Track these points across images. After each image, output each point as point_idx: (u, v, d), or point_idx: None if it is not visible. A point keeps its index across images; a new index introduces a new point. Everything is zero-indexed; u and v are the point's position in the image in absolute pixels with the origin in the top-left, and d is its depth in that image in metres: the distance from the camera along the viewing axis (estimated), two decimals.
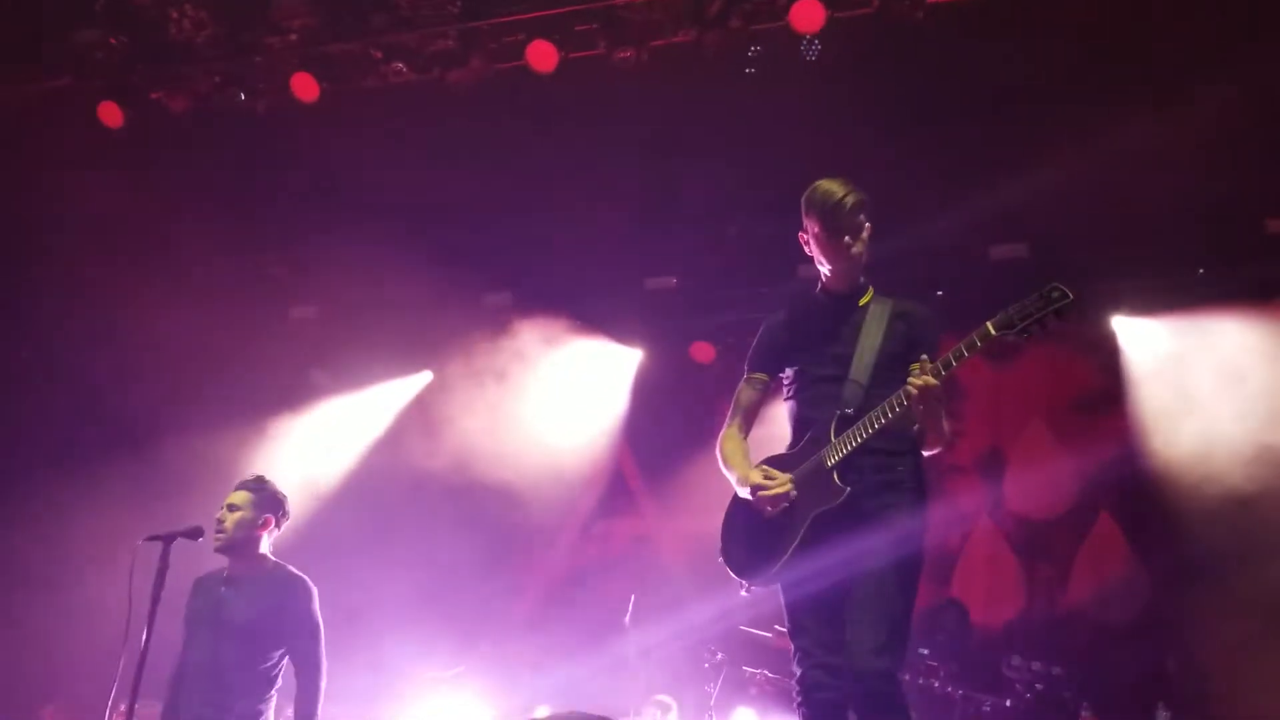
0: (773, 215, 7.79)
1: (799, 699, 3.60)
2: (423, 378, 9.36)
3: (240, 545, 4.51)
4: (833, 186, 3.80)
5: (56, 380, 8.64)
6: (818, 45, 6.60)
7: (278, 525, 4.63)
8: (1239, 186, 7.14)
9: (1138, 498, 7.75)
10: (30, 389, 8.39)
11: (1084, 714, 6.34)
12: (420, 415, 9.15)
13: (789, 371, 3.97)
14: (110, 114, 7.24)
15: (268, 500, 4.60)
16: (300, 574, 4.56)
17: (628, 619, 6.77)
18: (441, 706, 6.59)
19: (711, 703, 6.27)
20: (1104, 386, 8.24)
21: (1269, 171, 7.00)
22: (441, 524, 8.14)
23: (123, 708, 4.20)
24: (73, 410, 8.31)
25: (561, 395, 8.80)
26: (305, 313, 9.15)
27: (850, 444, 3.59)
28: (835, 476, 3.61)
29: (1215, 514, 7.09)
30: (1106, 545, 8.00)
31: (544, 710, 6.93)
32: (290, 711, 4.38)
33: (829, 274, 3.91)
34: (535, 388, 8.67)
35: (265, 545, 4.59)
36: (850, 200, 3.77)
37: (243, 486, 4.61)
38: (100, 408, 8.36)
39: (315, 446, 8.59)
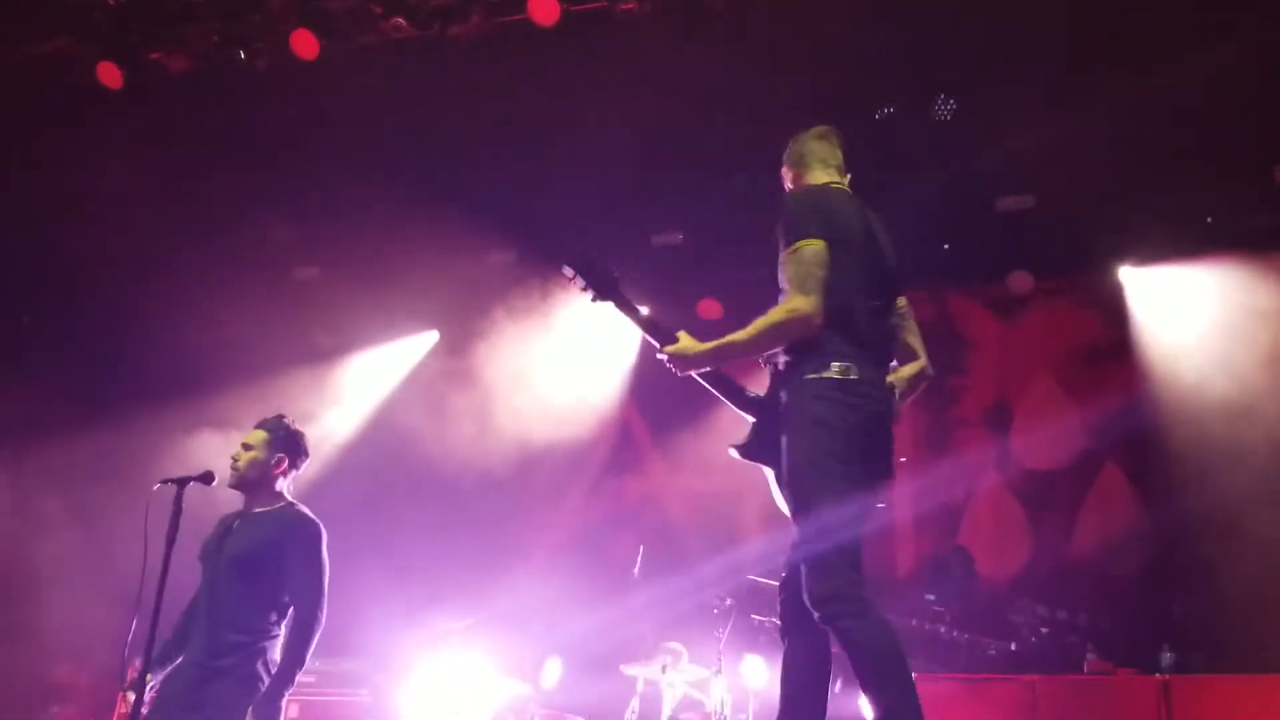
0: (779, 167, 7.79)
1: None
2: (429, 337, 9.36)
3: (253, 483, 4.46)
4: None
5: (66, 349, 8.66)
6: None
7: (294, 466, 4.56)
8: (1247, 135, 7.09)
9: (1144, 448, 7.76)
10: (41, 357, 8.41)
11: (1089, 657, 6.39)
12: (427, 375, 9.17)
13: None
14: (109, 74, 7.19)
15: (283, 440, 4.53)
16: (310, 515, 4.48)
17: (637, 570, 6.82)
18: (453, 658, 6.64)
19: (720, 647, 6.32)
20: (1111, 337, 8.24)
21: (1277, 120, 6.95)
22: (451, 481, 8.18)
23: (137, 662, 4.20)
24: (83, 375, 8.33)
25: (568, 354, 8.80)
26: (308, 274, 9.14)
27: None
28: None
29: (1221, 463, 7.10)
30: (1112, 495, 8.03)
31: (555, 661, 7.00)
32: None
33: None
34: (542, 346, 8.67)
35: (282, 485, 4.53)
36: None
37: (261, 426, 4.56)
38: (106, 373, 8.38)
39: (323, 406, 8.60)
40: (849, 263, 3.56)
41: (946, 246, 8.33)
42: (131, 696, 3.99)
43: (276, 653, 4.32)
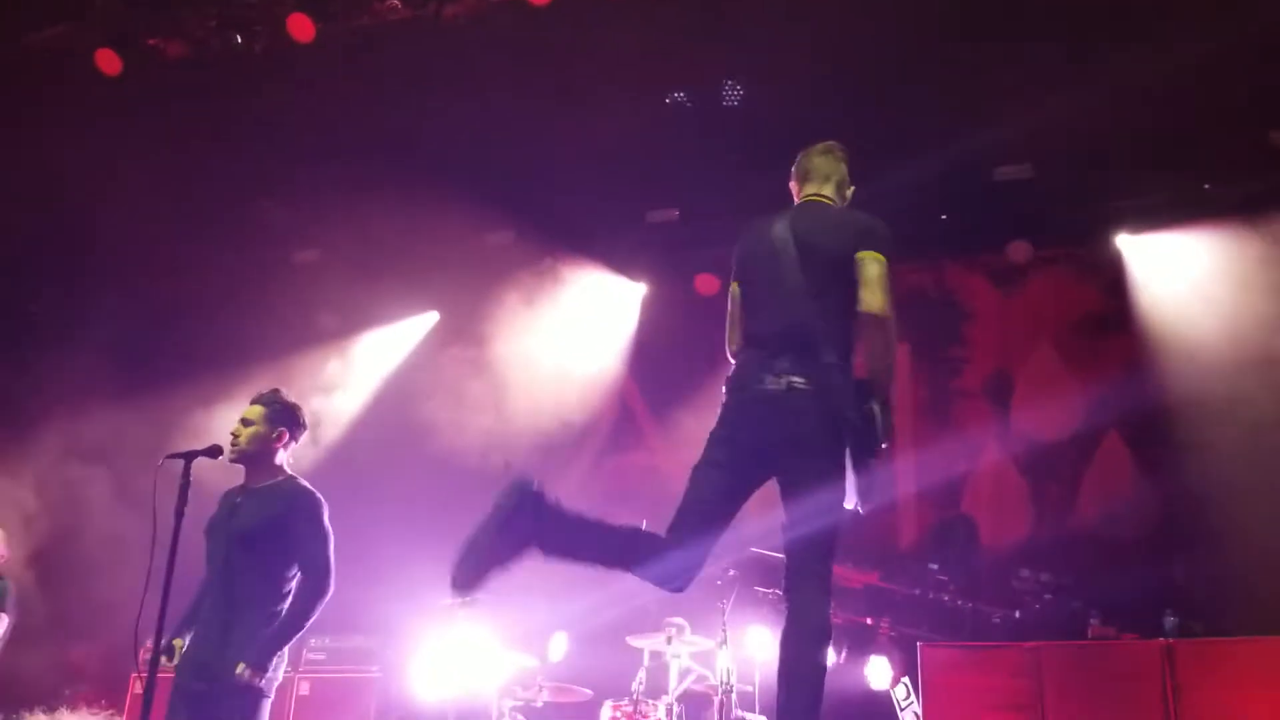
0: (776, 141, 7.79)
1: None
2: (429, 318, 9.40)
3: (254, 458, 4.52)
4: None
5: (67, 335, 8.69)
6: None
7: (293, 438, 4.62)
8: (1242, 99, 7.08)
9: (1145, 415, 7.78)
10: (48, 343, 8.45)
11: (1093, 623, 6.44)
12: (427, 355, 9.21)
13: None
14: (108, 61, 7.21)
15: (282, 414, 4.58)
16: (310, 487, 4.55)
17: None
18: (461, 633, 6.70)
19: (725, 618, 6.38)
20: (1111, 306, 8.25)
21: (1272, 83, 6.94)
22: (453, 460, 8.22)
23: (148, 642, 4.25)
24: (87, 359, 8.36)
25: (567, 331, 8.84)
26: (308, 257, 9.17)
27: None
28: None
29: (1223, 428, 7.12)
30: (1114, 463, 8.05)
31: (561, 636, 7.06)
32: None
33: None
34: (541, 325, 8.71)
35: (282, 458, 4.59)
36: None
37: (258, 400, 4.61)
38: (113, 358, 8.41)
39: (326, 387, 8.65)
40: None
41: (944, 217, 8.34)
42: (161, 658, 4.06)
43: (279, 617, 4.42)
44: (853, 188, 4.43)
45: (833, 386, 3.73)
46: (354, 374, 9.05)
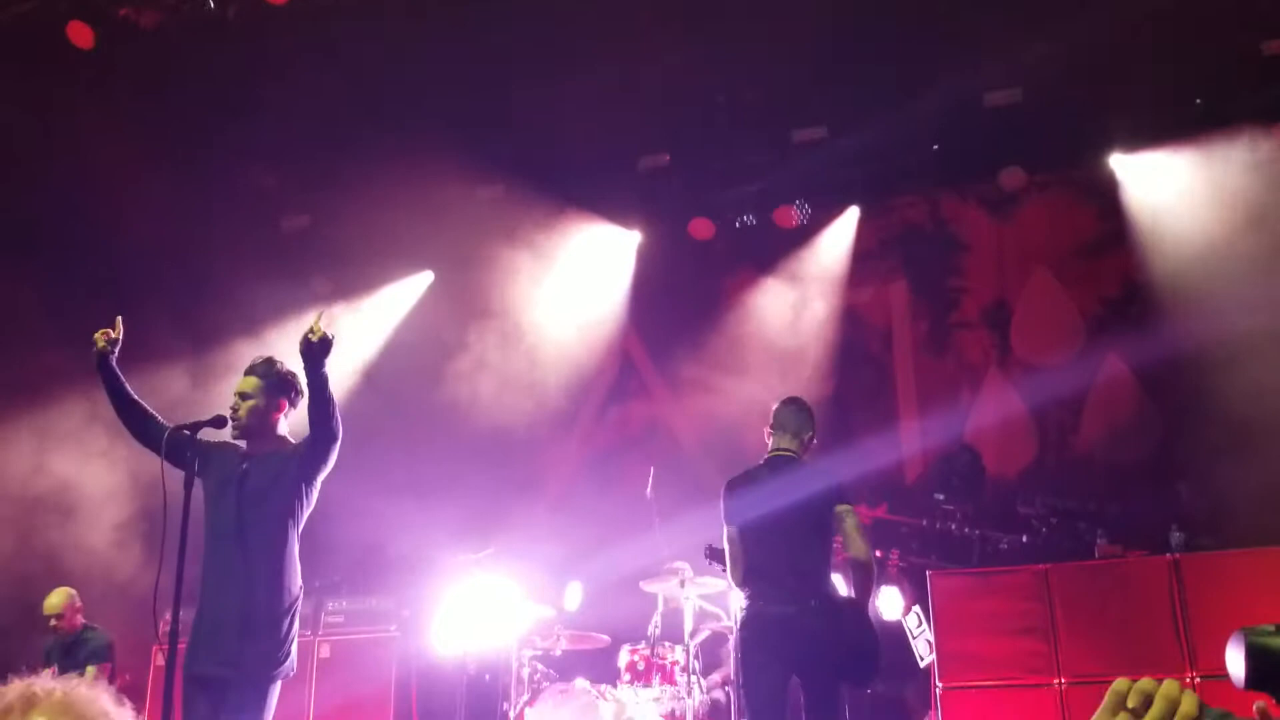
0: (762, 78, 7.73)
1: None
2: (424, 278, 9.37)
3: (257, 430, 4.53)
4: None
5: (60, 310, 8.65)
6: None
7: (293, 406, 4.62)
8: (1232, 11, 7.00)
9: (1145, 336, 7.79)
10: (37, 318, 8.41)
11: (1100, 543, 6.50)
12: (424, 315, 9.20)
13: None
14: (80, 34, 7.12)
15: (278, 383, 4.57)
16: None
17: (649, 491, 6.90)
18: (475, 586, 6.77)
19: None
20: (1107, 228, 8.22)
21: None
22: (459, 417, 8.25)
23: (168, 615, 4.28)
24: (81, 333, 8.34)
25: (564, 283, 8.82)
26: (298, 223, 9.12)
27: None
28: None
29: (1223, 345, 7.13)
30: (1116, 385, 8.08)
31: (576, 585, 7.13)
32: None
33: None
34: (537, 278, 8.68)
35: (283, 427, 4.61)
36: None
37: (251, 372, 4.58)
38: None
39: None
40: None
41: (936, 147, 8.28)
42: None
43: (299, 582, 4.48)
44: (812, 434, 5.53)
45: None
46: (349, 338, 9.02)
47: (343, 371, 8.72)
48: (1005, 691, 6.01)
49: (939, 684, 6.20)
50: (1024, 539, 6.79)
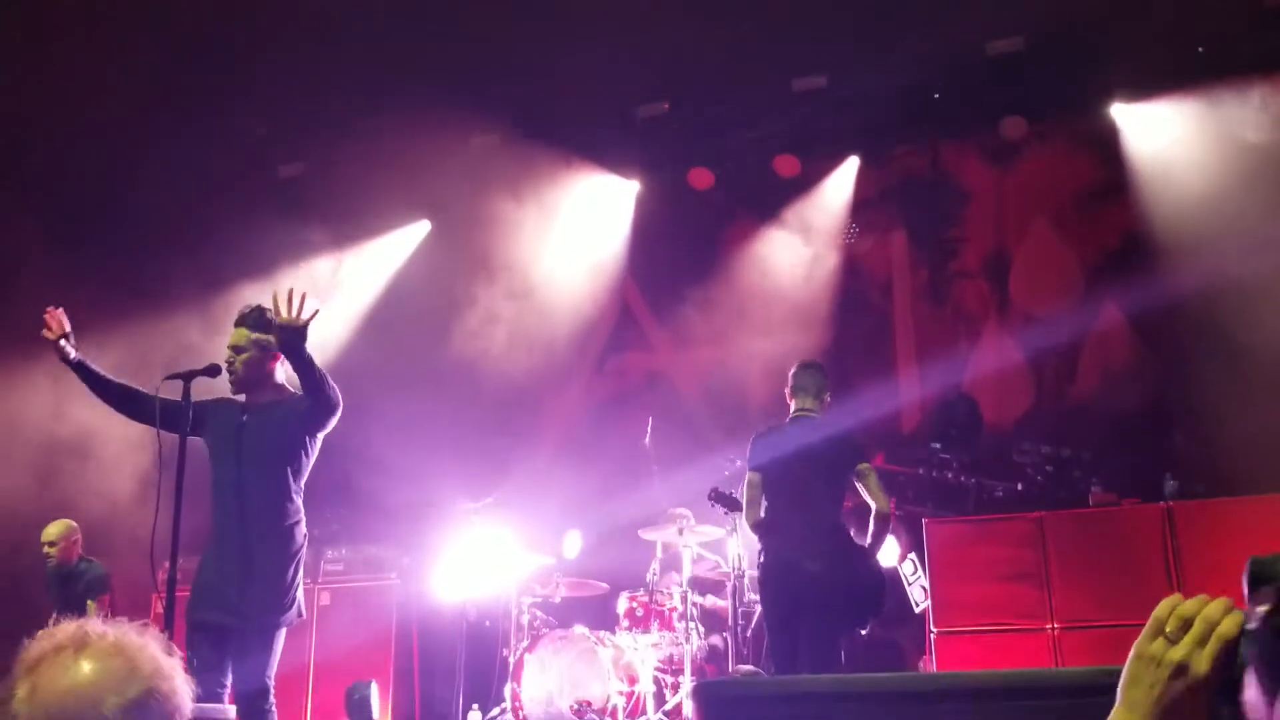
0: (762, 26, 7.65)
1: None
2: (421, 227, 9.34)
3: (254, 382, 4.52)
4: None
5: (51, 257, 8.60)
6: None
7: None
8: None
9: (1143, 285, 7.78)
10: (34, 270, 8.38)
11: (1094, 490, 6.55)
12: (420, 265, 9.17)
13: None
14: None
15: (269, 333, 4.49)
16: None
17: (647, 440, 6.95)
18: (477, 536, 6.83)
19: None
20: (1107, 178, 8.19)
21: None
22: (457, 366, 8.26)
23: (166, 564, 4.32)
24: (76, 281, 8.32)
25: (562, 233, 8.79)
26: (293, 171, 9.06)
27: None
28: None
29: (1220, 296, 7.13)
30: (1113, 334, 8.09)
31: (575, 534, 7.19)
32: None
33: None
34: (534, 228, 8.65)
35: (281, 376, 4.59)
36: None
37: (241, 323, 4.54)
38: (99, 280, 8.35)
39: (321, 302, 8.61)
40: None
41: (937, 96, 8.22)
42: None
43: (304, 530, 4.49)
44: (829, 394, 5.95)
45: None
46: (346, 288, 9.01)
47: (340, 319, 8.74)
48: (998, 636, 6.09)
49: (933, 629, 6.28)
50: (1019, 487, 6.85)
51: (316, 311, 4.23)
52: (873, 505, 5.51)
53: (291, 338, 4.20)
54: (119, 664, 1.51)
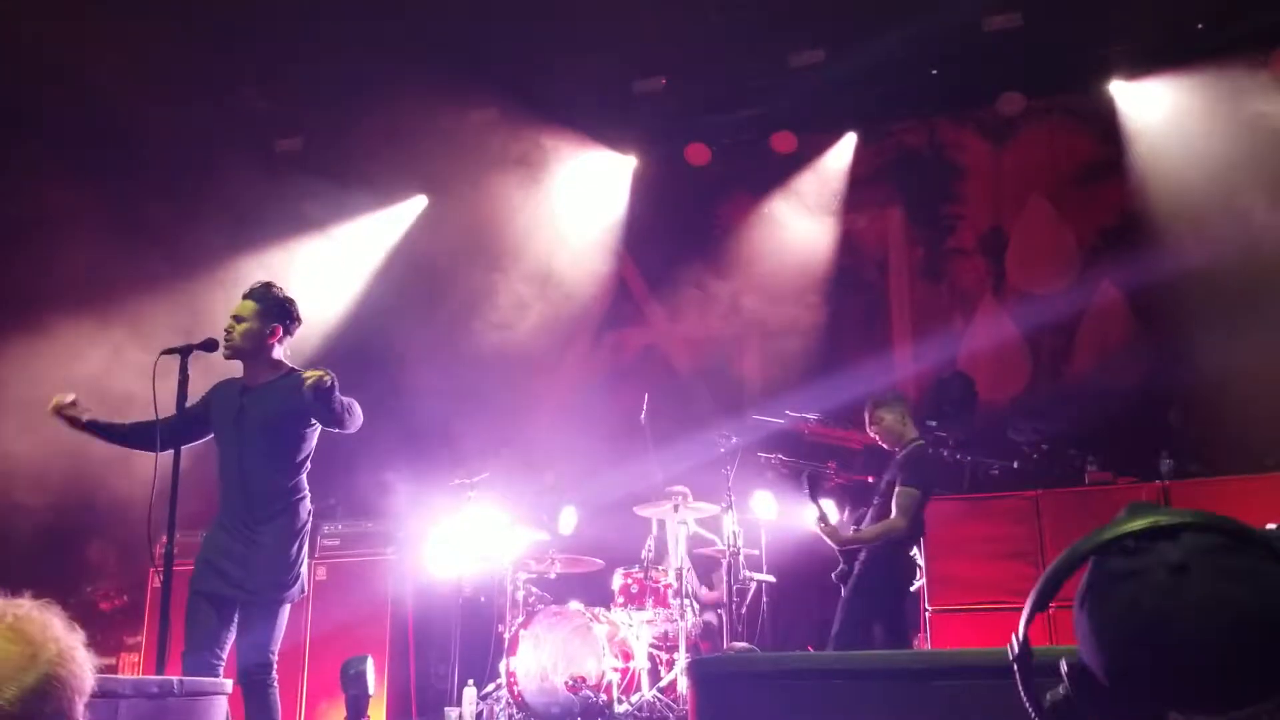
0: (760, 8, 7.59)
1: None
2: (418, 202, 9.30)
3: (251, 354, 4.51)
4: None
5: (51, 230, 8.55)
6: None
7: (288, 333, 4.59)
8: None
9: (1140, 263, 7.77)
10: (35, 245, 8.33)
11: (1090, 469, 6.55)
12: (418, 240, 9.14)
13: None
14: None
15: (274, 308, 4.53)
16: None
17: (643, 416, 6.95)
18: (473, 512, 6.84)
19: (729, 483, 6.50)
20: (1104, 155, 8.17)
21: None
22: (452, 343, 8.25)
23: (164, 537, 4.33)
24: (76, 255, 8.28)
25: (558, 209, 8.76)
26: (291, 145, 9.01)
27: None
28: None
29: (1217, 274, 7.13)
30: (1110, 312, 8.09)
31: (570, 509, 7.20)
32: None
33: None
34: (531, 203, 8.62)
35: (280, 353, 4.58)
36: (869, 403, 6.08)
37: (249, 296, 4.55)
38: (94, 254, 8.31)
39: (318, 277, 8.58)
40: None
41: (935, 72, 8.18)
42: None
43: (308, 507, 4.50)
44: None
45: None
46: (342, 264, 8.97)
47: (336, 295, 8.72)
48: (993, 614, 6.10)
49: (928, 607, 6.30)
50: (1015, 465, 6.85)
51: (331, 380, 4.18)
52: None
53: (321, 396, 4.17)
54: (18, 650, 1.47)
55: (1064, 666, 1.29)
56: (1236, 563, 1.20)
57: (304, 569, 4.50)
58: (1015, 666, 1.34)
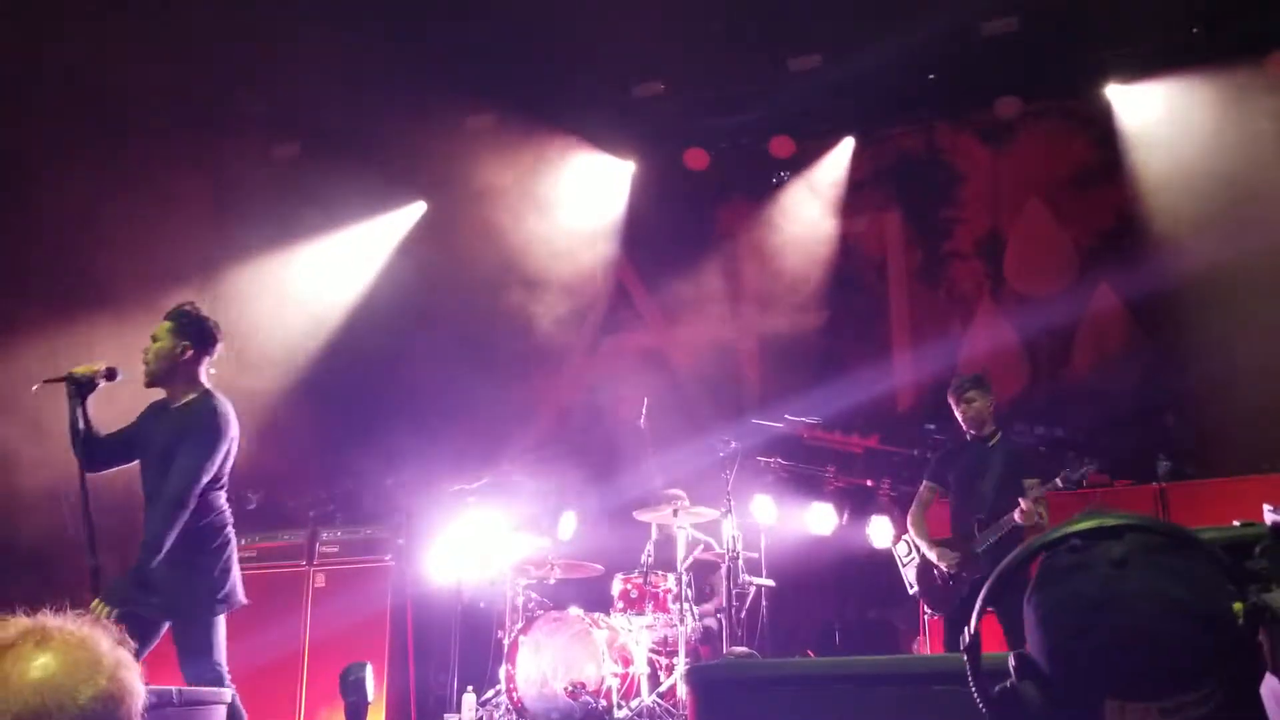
0: (758, 5, 7.61)
1: None
2: (416, 208, 9.31)
3: (164, 376, 4.48)
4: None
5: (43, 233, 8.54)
6: None
7: (204, 353, 4.54)
8: None
9: (1138, 267, 7.79)
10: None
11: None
12: (417, 246, 9.14)
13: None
14: None
15: (187, 328, 4.49)
16: (219, 403, 4.49)
17: (642, 421, 6.94)
18: (472, 517, 6.84)
19: (728, 488, 6.50)
20: (1101, 159, 8.18)
21: None
22: (451, 351, 8.24)
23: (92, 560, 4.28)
24: (66, 260, 8.28)
25: (557, 214, 8.76)
26: (288, 151, 9.02)
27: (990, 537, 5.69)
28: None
29: (1214, 277, 7.14)
30: (1107, 316, 8.10)
31: (570, 514, 7.20)
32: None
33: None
34: (530, 208, 8.63)
35: (199, 374, 4.53)
36: (959, 382, 6.14)
37: (167, 316, 4.53)
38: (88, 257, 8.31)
39: (317, 283, 8.59)
40: None
41: (932, 76, 8.20)
42: None
43: (219, 523, 4.48)
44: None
45: None
46: (342, 269, 8.97)
47: (336, 302, 8.72)
48: (991, 616, 6.09)
49: (927, 610, 6.30)
50: None
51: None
52: None
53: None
54: (85, 656, 1.51)
55: (1012, 660, 1.34)
56: (1175, 561, 1.28)
57: (231, 578, 4.45)
58: (965, 657, 1.38)
